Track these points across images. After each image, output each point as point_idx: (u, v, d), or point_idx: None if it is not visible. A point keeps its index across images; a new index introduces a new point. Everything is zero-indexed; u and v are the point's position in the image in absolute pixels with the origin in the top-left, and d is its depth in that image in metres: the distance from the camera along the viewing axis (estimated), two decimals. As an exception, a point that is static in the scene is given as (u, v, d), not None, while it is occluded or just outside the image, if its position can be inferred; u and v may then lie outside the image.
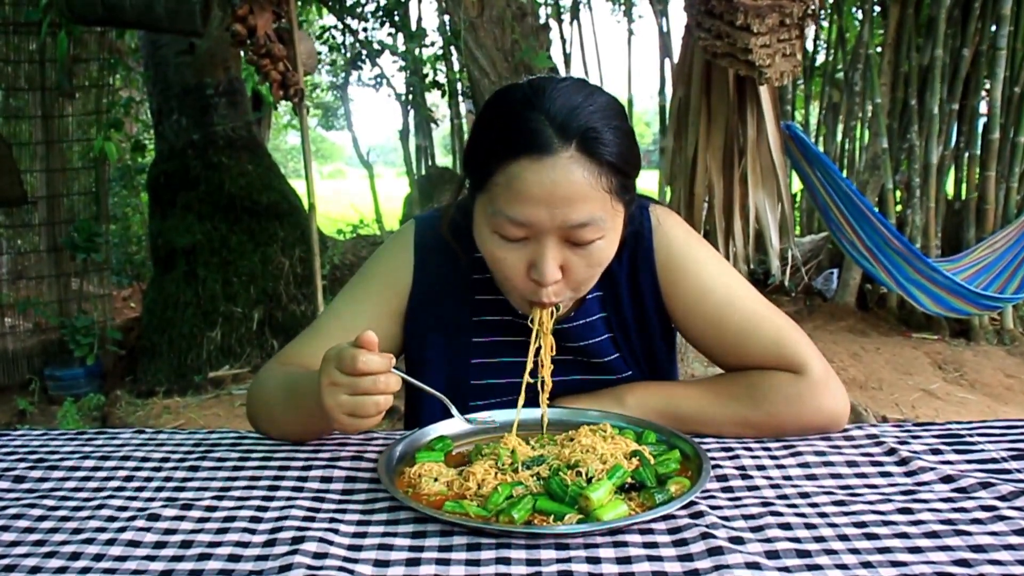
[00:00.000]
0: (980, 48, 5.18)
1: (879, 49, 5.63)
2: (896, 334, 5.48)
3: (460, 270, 1.34)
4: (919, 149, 5.33)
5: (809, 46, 6.85)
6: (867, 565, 0.85)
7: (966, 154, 5.49)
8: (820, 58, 7.30)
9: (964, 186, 5.52)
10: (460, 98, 7.78)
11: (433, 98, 8.86)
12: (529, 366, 1.22)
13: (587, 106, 1.11)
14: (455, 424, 1.21)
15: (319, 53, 8.13)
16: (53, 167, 5.53)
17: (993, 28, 5.08)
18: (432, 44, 7.63)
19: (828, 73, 6.79)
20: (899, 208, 5.58)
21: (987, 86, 5.25)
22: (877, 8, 5.88)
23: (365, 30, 8.41)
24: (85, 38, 5.43)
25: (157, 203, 5.75)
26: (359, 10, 8.06)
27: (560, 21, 7.78)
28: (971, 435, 1.20)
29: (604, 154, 1.09)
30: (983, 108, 5.36)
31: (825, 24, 6.85)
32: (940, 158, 5.34)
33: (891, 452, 1.15)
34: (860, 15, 6.19)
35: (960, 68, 5.23)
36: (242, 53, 4.98)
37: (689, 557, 0.88)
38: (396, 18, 7.57)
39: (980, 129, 5.37)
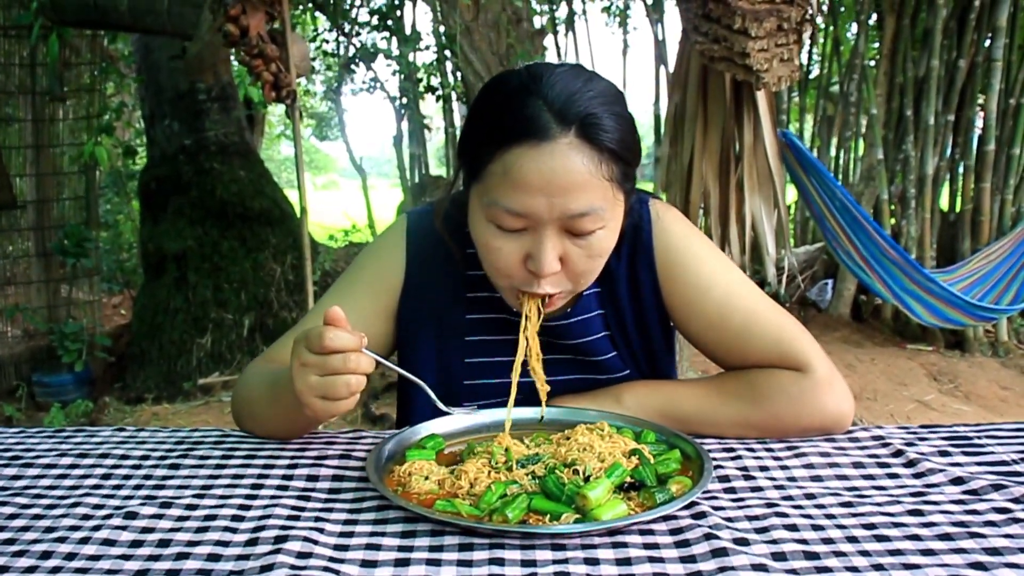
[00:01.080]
0: (976, 60, 5.18)
1: (872, 63, 5.63)
2: (891, 345, 5.45)
3: (454, 266, 1.30)
4: (914, 160, 5.32)
5: (804, 58, 6.85)
6: (879, 568, 0.81)
7: (961, 166, 5.48)
8: (815, 71, 7.30)
9: (959, 198, 5.51)
10: (455, 103, 7.75)
11: (428, 109, 8.85)
12: (519, 358, 1.18)
13: (587, 91, 1.07)
14: (447, 422, 1.17)
15: (313, 59, 8.09)
16: (43, 172, 5.49)
17: (988, 40, 5.08)
18: (427, 48, 7.61)
19: (823, 85, 6.79)
20: (892, 220, 5.57)
21: (981, 101, 5.25)
22: (873, 18, 5.88)
23: (359, 34, 8.39)
24: (77, 43, 5.40)
25: (148, 208, 5.71)
26: (353, 14, 8.04)
27: (555, 32, 7.77)
28: (979, 437, 1.17)
29: (605, 140, 1.05)
30: (978, 120, 5.36)
31: (820, 39, 6.86)
32: (935, 169, 5.33)
33: (898, 454, 1.11)
34: (855, 27, 6.18)
35: (956, 79, 5.22)
36: (233, 54, 4.95)
37: (692, 559, 0.84)
38: (390, 23, 7.54)
39: (975, 141, 5.37)
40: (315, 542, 0.87)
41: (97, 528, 0.92)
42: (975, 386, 4.76)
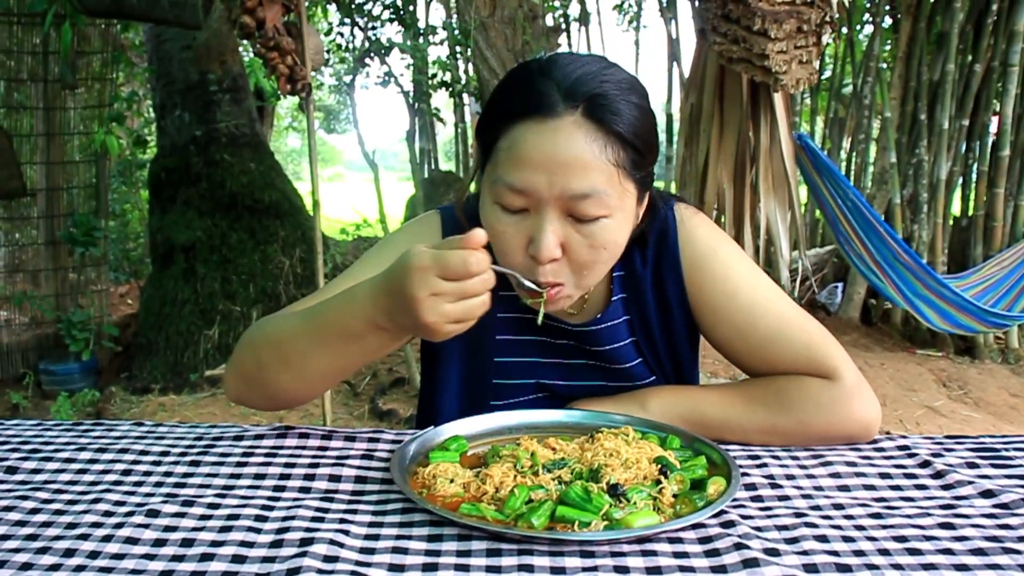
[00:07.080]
0: (992, 64, 5.15)
1: (884, 65, 5.59)
2: (900, 350, 5.43)
3: None
4: (927, 164, 5.29)
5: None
6: (914, 582, 0.80)
7: (974, 171, 5.45)
8: (827, 72, 7.27)
9: (972, 203, 5.48)
10: (465, 97, 7.74)
11: (440, 103, 8.83)
12: None
13: (601, 75, 1.07)
14: (469, 424, 1.16)
15: (327, 52, 8.08)
16: (53, 160, 5.48)
17: (1005, 45, 5.04)
18: (441, 42, 7.61)
19: (834, 87, 6.76)
20: (903, 224, 5.54)
21: (997, 108, 5.21)
22: (888, 21, 5.85)
23: (373, 28, 8.38)
24: (89, 31, 5.39)
25: (157, 199, 5.71)
26: (367, 7, 8.03)
27: (568, 30, 7.75)
28: (1007, 449, 1.15)
29: (612, 123, 1.04)
30: (992, 125, 5.32)
31: (832, 40, 6.82)
32: (948, 174, 5.30)
33: (925, 464, 1.09)
34: (869, 29, 6.15)
35: (971, 84, 5.19)
36: (244, 46, 4.94)
37: (723, 569, 0.82)
38: (404, 16, 7.53)
39: (989, 146, 5.33)
40: (341, 545, 0.86)
41: (119, 526, 0.91)
42: (985, 393, 4.73)
